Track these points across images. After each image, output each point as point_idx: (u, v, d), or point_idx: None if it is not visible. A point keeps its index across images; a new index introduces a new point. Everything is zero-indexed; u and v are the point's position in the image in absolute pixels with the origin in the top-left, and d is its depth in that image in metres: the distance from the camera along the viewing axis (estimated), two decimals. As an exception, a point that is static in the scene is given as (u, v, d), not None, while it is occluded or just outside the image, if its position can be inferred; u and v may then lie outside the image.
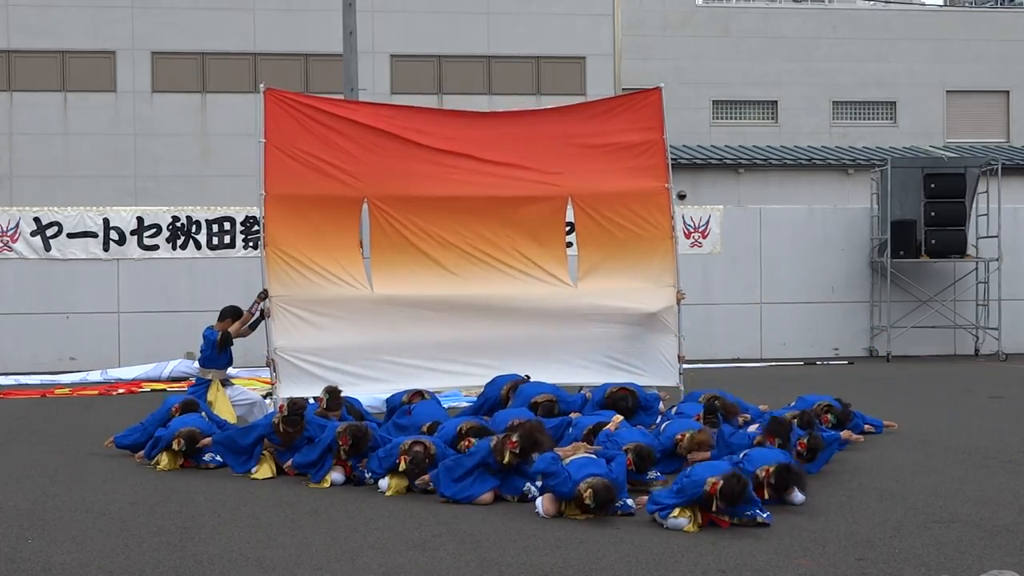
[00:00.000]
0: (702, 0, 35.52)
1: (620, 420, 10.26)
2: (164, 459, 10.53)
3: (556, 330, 12.73)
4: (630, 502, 8.52)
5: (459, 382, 12.86)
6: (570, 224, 13.36)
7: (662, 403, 11.66)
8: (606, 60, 28.53)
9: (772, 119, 35.07)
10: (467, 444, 9.68)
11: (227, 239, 20.07)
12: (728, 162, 29.28)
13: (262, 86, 12.56)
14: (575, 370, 12.78)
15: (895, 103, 35.52)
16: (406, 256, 12.65)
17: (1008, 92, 35.94)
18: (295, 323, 12.13)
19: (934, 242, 21.06)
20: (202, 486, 9.76)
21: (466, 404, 13.02)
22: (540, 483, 8.59)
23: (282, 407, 10.39)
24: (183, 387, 15.29)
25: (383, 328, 12.37)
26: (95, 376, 18.45)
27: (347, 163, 12.48)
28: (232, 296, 15.25)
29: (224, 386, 12.43)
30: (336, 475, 9.77)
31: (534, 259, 12.94)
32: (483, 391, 12.04)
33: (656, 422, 11.03)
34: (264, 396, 13.18)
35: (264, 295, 12.11)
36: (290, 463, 10.12)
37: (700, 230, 21.16)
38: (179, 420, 10.83)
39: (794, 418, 10.55)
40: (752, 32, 34.77)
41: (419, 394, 11.76)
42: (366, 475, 9.69)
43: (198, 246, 20.01)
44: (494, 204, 12.80)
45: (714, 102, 34.79)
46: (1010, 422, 13.11)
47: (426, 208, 12.67)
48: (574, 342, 12.77)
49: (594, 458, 8.70)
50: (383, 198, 12.61)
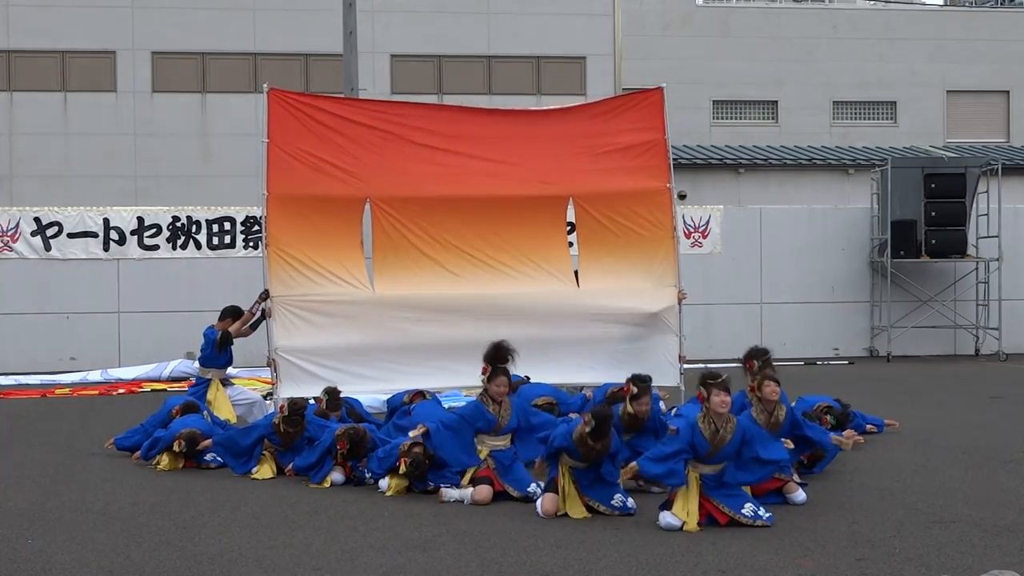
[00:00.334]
0: (702, 0, 35.52)
1: None
2: (165, 459, 10.53)
3: (557, 330, 12.71)
4: (630, 503, 8.53)
5: (459, 382, 12.82)
6: (571, 224, 13.36)
7: (662, 403, 11.64)
8: (606, 60, 28.53)
9: (772, 119, 35.06)
10: None
11: (227, 239, 20.06)
12: (728, 162, 29.27)
13: (265, 86, 12.54)
14: (576, 370, 12.77)
15: (895, 103, 35.51)
16: (407, 256, 12.63)
17: (1008, 92, 35.92)
18: (296, 323, 12.12)
19: (934, 242, 21.06)
20: (202, 486, 9.76)
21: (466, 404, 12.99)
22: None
23: (283, 407, 10.41)
24: (183, 387, 15.30)
25: (384, 328, 12.36)
26: (95, 376, 18.45)
27: (349, 163, 12.46)
28: (232, 296, 15.24)
29: (224, 386, 12.45)
30: (336, 475, 9.79)
31: (535, 259, 12.92)
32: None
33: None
34: (264, 396, 13.18)
35: (265, 295, 12.10)
36: (291, 467, 10.13)
37: (700, 230, 21.16)
38: (180, 421, 10.83)
39: None
40: (752, 32, 34.76)
41: (420, 394, 11.75)
42: (366, 475, 9.70)
43: (198, 246, 20.01)
44: (496, 204, 12.78)
45: (714, 102, 34.78)
46: (1010, 422, 13.11)
47: (428, 208, 12.65)
48: (575, 342, 12.75)
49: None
50: (385, 198, 12.59)
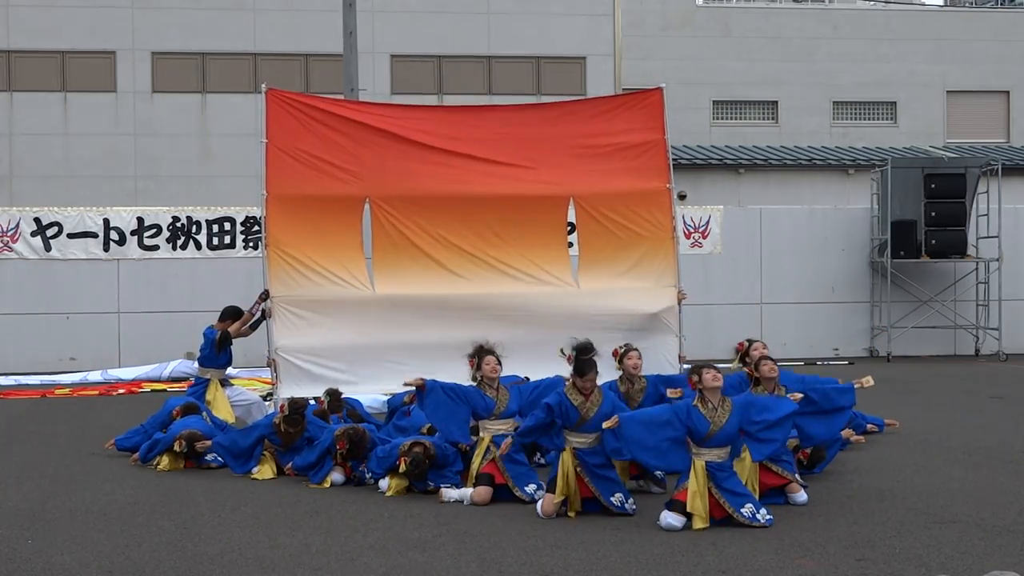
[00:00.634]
0: (702, 0, 35.52)
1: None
2: (165, 460, 10.53)
3: (557, 330, 12.65)
4: (630, 505, 8.52)
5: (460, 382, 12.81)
6: (571, 224, 13.35)
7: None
8: (606, 60, 28.51)
9: (772, 119, 35.06)
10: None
11: (227, 239, 20.06)
12: (728, 162, 29.26)
13: (264, 86, 12.54)
14: (575, 370, 12.75)
15: (895, 103, 35.51)
16: (407, 256, 12.62)
17: (1008, 92, 35.92)
18: (296, 323, 12.12)
19: (934, 242, 21.05)
20: (202, 486, 9.76)
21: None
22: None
23: (283, 407, 10.41)
24: (183, 388, 15.29)
25: (384, 328, 12.35)
26: (95, 376, 18.44)
27: (349, 163, 12.46)
28: (232, 296, 15.23)
29: (223, 386, 12.43)
30: (336, 476, 9.79)
31: (535, 259, 12.92)
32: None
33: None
34: (264, 397, 13.18)
35: (265, 295, 12.10)
36: (290, 465, 10.13)
37: (700, 230, 21.16)
38: (180, 423, 10.83)
39: None
40: (752, 32, 34.76)
41: (420, 394, 11.73)
42: (366, 475, 9.70)
43: (198, 246, 20.00)
44: (496, 204, 12.77)
45: (714, 102, 34.78)
46: (1010, 422, 13.11)
47: (428, 208, 12.64)
48: None
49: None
50: (385, 198, 12.58)
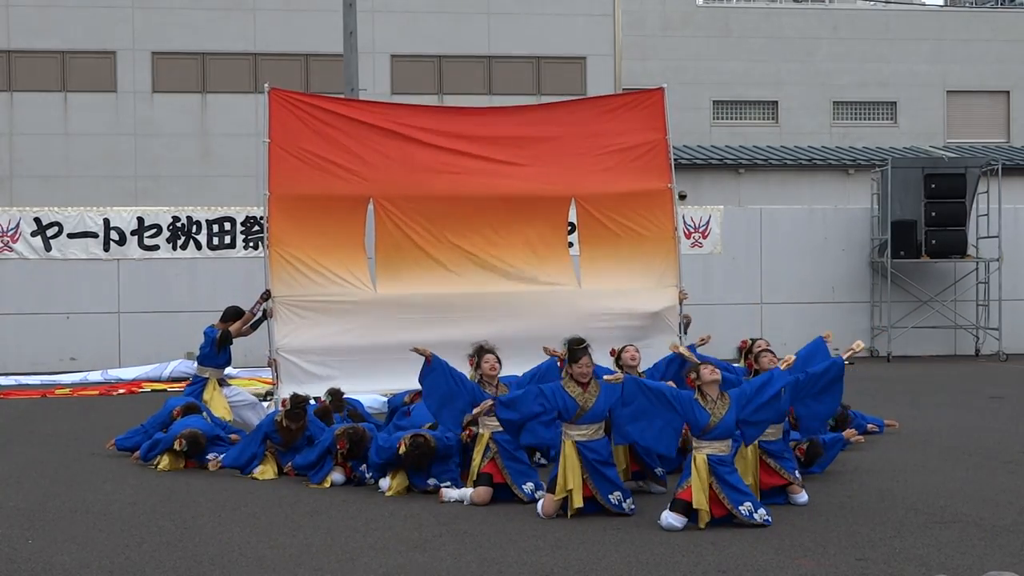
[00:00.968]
0: (702, 0, 35.52)
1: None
2: (165, 460, 10.52)
3: (558, 330, 12.66)
4: (628, 505, 8.52)
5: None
6: (571, 224, 13.35)
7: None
8: (606, 60, 28.50)
9: (772, 119, 35.06)
10: (468, 433, 9.70)
11: (227, 239, 20.06)
12: (728, 162, 29.25)
13: (267, 86, 12.52)
14: (576, 370, 12.75)
15: (895, 103, 35.51)
16: (410, 256, 12.62)
17: (1008, 92, 35.92)
18: (298, 323, 12.11)
19: (934, 242, 21.06)
20: (202, 486, 9.76)
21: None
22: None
23: (284, 401, 10.38)
24: (183, 387, 15.27)
25: (386, 328, 12.34)
26: (95, 376, 18.44)
27: (352, 163, 12.45)
28: (232, 296, 15.24)
29: (221, 386, 12.43)
30: (336, 475, 9.80)
31: (537, 259, 12.91)
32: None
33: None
34: (264, 396, 13.18)
35: (267, 295, 12.09)
36: (290, 465, 10.13)
37: (700, 230, 21.16)
38: (181, 423, 10.83)
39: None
40: (752, 32, 34.76)
41: (420, 394, 11.73)
42: (367, 475, 9.71)
43: (198, 246, 20.00)
44: (498, 204, 12.77)
45: (714, 102, 34.78)
46: (1010, 422, 13.11)
47: (430, 208, 12.63)
48: None
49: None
50: (388, 197, 12.56)
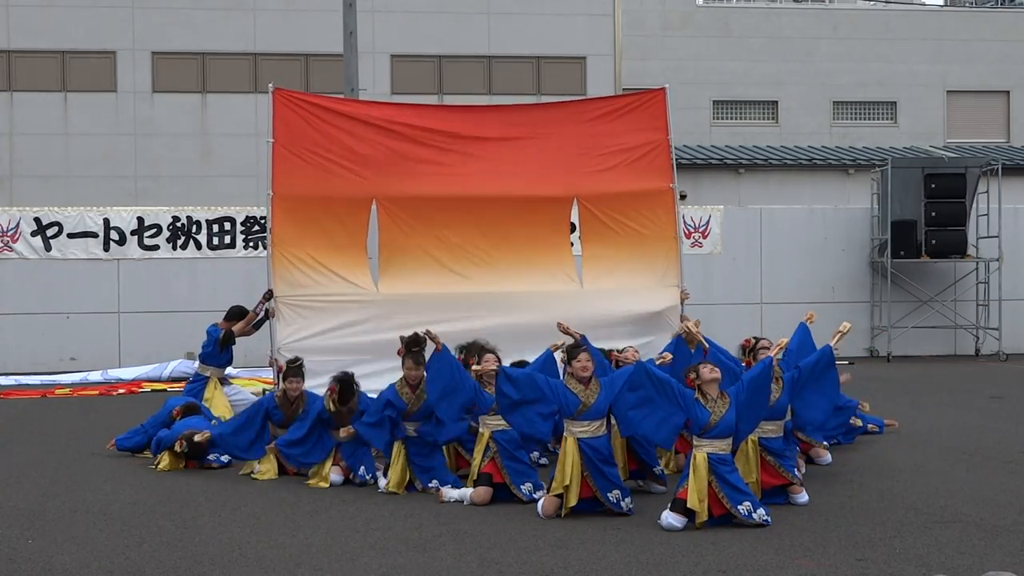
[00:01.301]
0: (702, 0, 35.52)
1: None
2: (165, 460, 10.53)
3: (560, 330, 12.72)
4: (626, 504, 8.52)
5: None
6: (572, 224, 13.36)
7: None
8: (606, 60, 28.51)
9: (772, 119, 35.06)
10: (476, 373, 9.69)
11: (227, 239, 20.05)
12: (728, 162, 29.25)
13: (271, 86, 12.49)
14: (577, 370, 12.76)
15: (895, 103, 35.52)
16: (412, 256, 12.61)
17: (1008, 92, 35.93)
18: (300, 323, 12.10)
19: (934, 242, 21.05)
20: (202, 486, 9.76)
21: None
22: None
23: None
24: (183, 387, 15.28)
25: (388, 328, 12.28)
26: (95, 376, 18.44)
27: (355, 163, 12.43)
28: (232, 296, 15.24)
29: (222, 385, 12.44)
30: (335, 476, 9.82)
31: (539, 259, 12.90)
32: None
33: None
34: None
35: (269, 295, 12.10)
36: (273, 443, 10.12)
37: (700, 230, 21.15)
38: (182, 423, 10.82)
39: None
40: (752, 32, 34.76)
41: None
42: (366, 476, 9.73)
43: (198, 246, 20.00)
44: (500, 204, 12.76)
45: (714, 102, 34.79)
46: (1010, 422, 13.11)
47: (433, 208, 12.62)
48: None
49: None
50: (391, 197, 12.55)
